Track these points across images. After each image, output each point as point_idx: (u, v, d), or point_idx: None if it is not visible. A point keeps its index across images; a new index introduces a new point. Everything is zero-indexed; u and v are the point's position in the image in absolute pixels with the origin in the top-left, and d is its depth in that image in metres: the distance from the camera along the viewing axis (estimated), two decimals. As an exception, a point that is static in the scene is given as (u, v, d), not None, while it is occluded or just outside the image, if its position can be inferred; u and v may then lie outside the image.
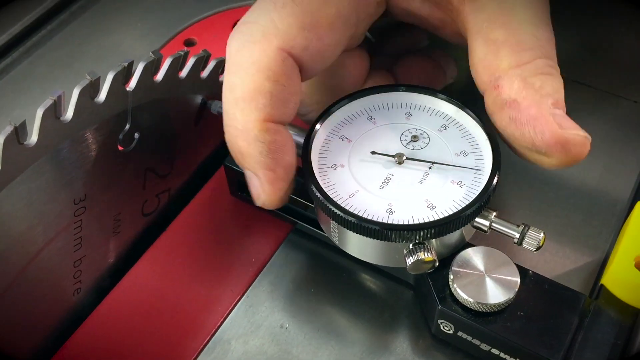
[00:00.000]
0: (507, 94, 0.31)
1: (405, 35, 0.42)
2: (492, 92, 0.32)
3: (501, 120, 0.32)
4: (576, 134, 0.30)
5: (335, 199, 0.32)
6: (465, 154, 0.34)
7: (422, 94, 0.36)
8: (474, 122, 0.34)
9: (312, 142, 0.34)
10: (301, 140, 0.35)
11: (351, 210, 0.32)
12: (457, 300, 0.32)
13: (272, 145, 0.31)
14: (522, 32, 0.32)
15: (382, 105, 0.36)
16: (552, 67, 0.32)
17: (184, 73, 0.36)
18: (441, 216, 0.31)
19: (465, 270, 0.32)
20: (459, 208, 0.31)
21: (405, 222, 0.31)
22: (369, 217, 0.31)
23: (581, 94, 0.46)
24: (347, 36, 0.34)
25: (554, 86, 0.31)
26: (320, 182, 0.33)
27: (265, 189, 0.32)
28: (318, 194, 0.32)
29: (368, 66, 0.38)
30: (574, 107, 0.45)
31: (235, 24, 0.51)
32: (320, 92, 0.37)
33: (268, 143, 0.31)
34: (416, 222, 0.31)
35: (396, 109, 0.36)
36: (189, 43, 0.51)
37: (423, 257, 0.31)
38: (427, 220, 0.31)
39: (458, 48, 0.36)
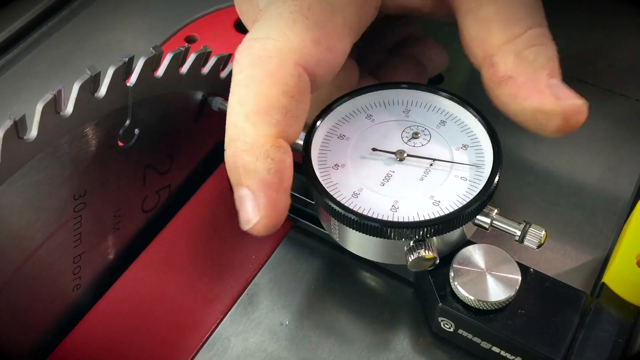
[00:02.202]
0: (503, 71, 0.32)
1: (395, 29, 0.42)
2: (488, 70, 0.33)
3: (500, 96, 0.33)
4: (573, 104, 0.32)
5: (338, 199, 0.32)
6: (465, 147, 0.34)
7: (420, 90, 0.36)
8: (473, 116, 0.35)
9: (312, 141, 0.34)
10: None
11: (355, 209, 0.31)
12: (458, 297, 0.32)
13: (281, 164, 0.30)
14: (511, 4, 0.32)
15: (379, 103, 0.36)
16: (543, 36, 0.33)
17: (184, 69, 0.36)
18: (446, 212, 0.31)
19: (466, 267, 0.32)
20: (464, 203, 0.31)
21: (410, 219, 0.31)
22: (374, 216, 0.31)
23: (582, 92, 0.46)
24: (350, 44, 0.33)
25: (547, 56, 0.32)
26: (323, 182, 0.32)
27: (262, 212, 0.30)
28: (317, 192, 0.32)
29: (358, 74, 0.38)
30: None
31: (236, 22, 0.51)
32: (315, 106, 0.36)
33: (277, 161, 0.30)
34: (421, 218, 0.31)
35: (394, 105, 0.36)
36: (189, 40, 0.51)
37: (424, 254, 0.31)
38: (432, 216, 0.31)
39: (450, 36, 0.36)
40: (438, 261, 0.32)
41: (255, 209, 0.30)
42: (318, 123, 0.35)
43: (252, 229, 0.31)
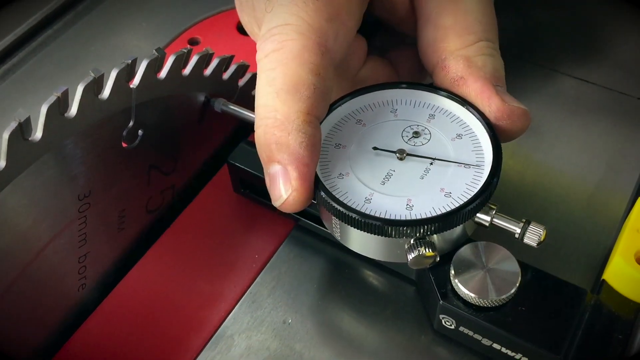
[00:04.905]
0: (454, 72, 0.34)
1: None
2: (441, 72, 0.35)
3: None
4: (518, 107, 0.33)
5: (352, 206, 0.32)
6: (460, 136, 0.34)
7: (403, 88, 0.36)
8: (460, 106, 0.35)
9: None
10: None
11: (372, 214, 0.31)
12: (459, 295, 0.32)
13: (312, 138, 0.31)
14: (468, 18, 0.35)
15: (366, 107, 0.36)
16: (493, 49, 0.35)
17: (187, 71, 0.36)
18: (460, 202, 0.31)
19: (466, 265, 0.32)
20: (475, 191, 0.32)
21: (426, 216, 0.31)
22: (390, 217, 0.31)
23: (584, 92, 0.46)
24: (358, 19, 0.35)
25: (494, 66, 0.34)
26: (332, 191, 0.32)
27: (295, 186, 0.31)
28: (322, 194, 0.32)
29: (366, 49, 0.39)
30: (578, 104, 0.46)
31: (238, 24, 0.52)
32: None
33: (309, 135, 0.31)
34: (437, 213, 0.31)
35: (381, 107, 0.36)
36: (193, 42, 0.51)
37: (424, 252, 0.31)
38: (447, 209, 0.31)
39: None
40: (439, 259, 0.32)
41: (287, 183, 0.31)
42: None
43: (284, 204, 0.32)
